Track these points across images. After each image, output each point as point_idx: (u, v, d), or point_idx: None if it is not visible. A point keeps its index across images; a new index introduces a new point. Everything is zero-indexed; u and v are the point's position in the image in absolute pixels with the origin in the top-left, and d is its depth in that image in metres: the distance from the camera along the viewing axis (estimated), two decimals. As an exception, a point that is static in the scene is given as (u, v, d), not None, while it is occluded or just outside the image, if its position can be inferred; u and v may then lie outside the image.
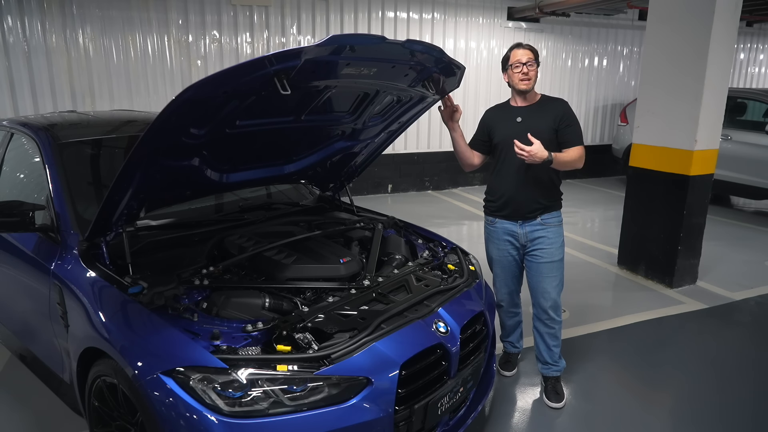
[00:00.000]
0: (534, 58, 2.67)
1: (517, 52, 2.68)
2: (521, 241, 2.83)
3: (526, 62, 2.65)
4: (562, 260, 2.83)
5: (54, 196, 2.44)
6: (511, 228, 2.82)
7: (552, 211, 2.79)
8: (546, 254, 2.78)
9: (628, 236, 4.93)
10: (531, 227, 2.78)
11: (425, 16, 7.99)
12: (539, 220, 2.77)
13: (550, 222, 2.78)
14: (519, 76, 2.67)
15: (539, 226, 2.77)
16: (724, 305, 4.26)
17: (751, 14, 9.58)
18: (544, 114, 2.72)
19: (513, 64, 2.68)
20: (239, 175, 2.61)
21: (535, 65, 2.67)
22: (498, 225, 2.87)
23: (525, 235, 2.80)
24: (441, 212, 7.26)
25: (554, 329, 2.85)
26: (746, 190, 7.03)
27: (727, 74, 4.32)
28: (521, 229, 2.80)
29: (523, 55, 2.66)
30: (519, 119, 2.74)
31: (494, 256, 2.94)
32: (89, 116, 3.52)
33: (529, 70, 2.65)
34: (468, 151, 2.90)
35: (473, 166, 2.95)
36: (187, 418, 1.69)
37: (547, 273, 2.79)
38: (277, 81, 1.80)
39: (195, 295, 2.11)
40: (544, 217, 2.77)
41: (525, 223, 2.78)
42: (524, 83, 2.68)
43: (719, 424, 2.79)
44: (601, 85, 9.71)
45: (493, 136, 2.83)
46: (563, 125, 2.69)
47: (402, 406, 1.94)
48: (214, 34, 6.93)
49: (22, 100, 6.22)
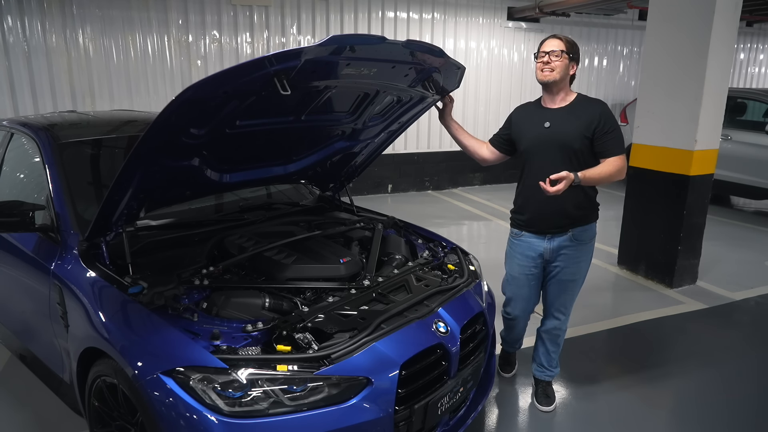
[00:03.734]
0: (564, 49, 2.42)
1: (546, 42, 2.46)
2: (546, 257, 2.61)
3: (550, 51, 2.42)
4: (585, 275, 2.67)
5: (54, 196, 2.44)
6: (535, 243, 2.61)
7: (585, 224, 2.57)
8: (569, 273, 2.61)
9: (628, 236, 4.93)
10: (559, 242, 2.57)
11: (425, 16, 7.98)
12: (570, 233, 2.55)
13: (582, 237, 2.57)
14: (540, 66, 2.46)
15: (568, 242, 2.56)
16: (724, 305, 4.26)
17: (751, 14, 9.58)
18: (575, 119, 2.46)
19: (539, 53, 2.47)
20: (239, 175, 2.60)
21: (562, 56, 2.41)
22: (523, 239, 2.65)
23: (551, 250, 2.59)
24: (441, 212, 7.26)
25: (558, 336, 2.83)
26: (746, 190, 7.03)
27: (727, 74, 4.32)
28: (549, 244, 2.58)
29: (548, 45, 2.44)
30: (547, 124, 2.50)
31: (515, 274, 2.73)
32: (89, 116, 3.51)
33: (552, 61, 2.42)
34: (471, 141, 2.78)
35: (484, 160, 2.78)
36: (187, 418, 1.69)
37: (567, 288, 2.66)
38: (277, 81, 1.80)
39: (195, 295, 2.11)
40: (576, 231, 2.55)
41: (554, 237, 2.57)
42: (543, 74, 2.45)
43: (719, 424, 2.79)
44: (601, 85, 9.71)
45: (519, 140, 2.62)
46: (600, 133, 2.43)
47: (402, 406, 1.94)
48: (214, 34, 6.93)
49: (22, 100, 6.21)
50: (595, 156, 2.47)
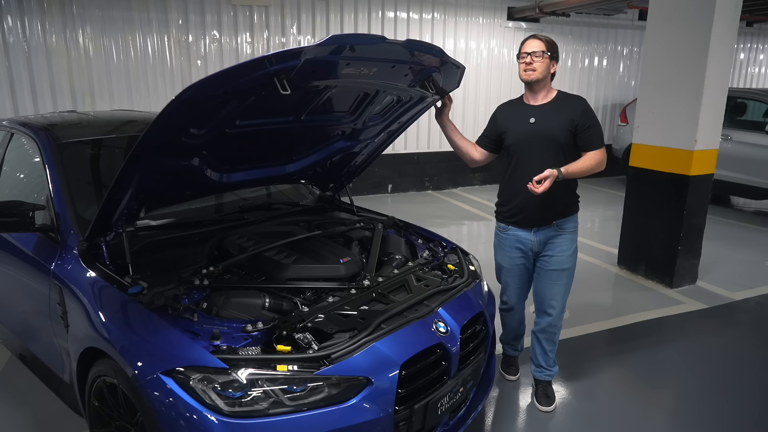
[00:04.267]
0: (545, 49, 2.54)
1: (527, 43, 2.58)
2: (534, 249, 2.73)
3: (532, 52, 2.54)
4: (573, 267, 2.75)
5: (54, 196, 2.44)
6: (523, 236, 2.72)
7: (568, 216, 2.69)
8: (556, 262, 2.70)
9: (628, 236, 4.93)
10: (545, 234, 2.68)
11: (425, 16, 7.98)
12: (554, 225, 2.67)
13: (566, 228, 2.69)
14: (522, 66, 2.58)
15: (554, 232, 2.68)
16: (724, 305, 4.26)
17: (751, 14, 9.58)
18: (558, 114, 2.59)
19: (521, 54, 2.59)
20: (239, 175, 2.60)
21: (543, 56, 2.54)
22: (510, 233, 2.77)
23: (538, 242, 2.70)
24: (441, 212, 7.26)
25: (554, 335, 2.83)
26: (746, 190, 7.03)
27: (727, 74, 4.32)
28: (535, 237, 2.70)
29: (530, 46, 2.56)
30: (532, 120, 2.61)
31: (504, 264, 2.84)
32: (89, 116, 3.51)
33: (534, 61, 2.53)
34: (464, 142, 2.84)
35: (474, 161, 2.87)
36: (187, 418, 1.69)
37: (556, 280, 2.72)
38: (276, 81, 1.80)
39: (195, 295, 2.11)
40: (560, 222, 2.67)
41: (539, 230, 2.69)
42: (526, 74, 2.57)
43: (720, 424, 2.79)
44: (601, 85, 9.71)
45: (505, 136, 2.71)
46: (581, 128, 2.57)
47: (402, 406, 1.94)
48: (214, 34, 6.93)
49: (22, 100, 6.22)
50: (577, 148, 2.58)
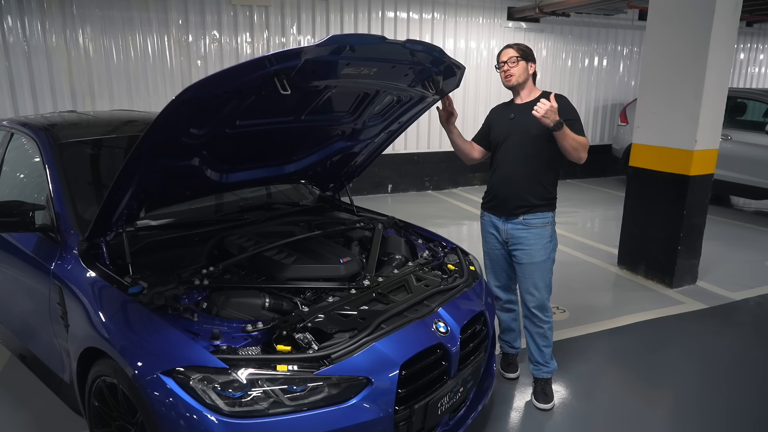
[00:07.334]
0: (518, 56, 2.71)
1: (501, 54, 2.76)
2: (503, 237, 2.84)
3: (507, 59, 2.71)
4: (547, 262, 2.79)
5: (54, 196, 2.44)
6: (495, 222, 2.85)
7: (537, 212, 2.75)
8: (525, 255, 2.77)
9: (628, 236, 4.93)
10: (512, 225, 2.78)
11: (425, 16, 7.99)
12: (521, 219, 2.75)
13: (533, 223, 2.75)
14: (502, 75, 2.77)
15: (520, 226, 2.75)
16: (724, 305, 4.26)
17: (751, 14, 9.58)
18: None
19: (499, 64, 2.78)
20: (239, 175, 2.60)
21: (518, 62, 2.70)
22: (486, 218, 2.93)
23: (506, 231, 2.81)
24: (441, 212, 7.26)
25: (542, 329, 2.85)
26: (746, 190, 7.03)
27: (727, 74, 4.32)
28: (503, 225, 2.81)
29: (504, 55, 2.74)
30: (512, 116, 2.78)
31: (484, 248, 3.00)
32: (89, 116, 3.51)
33: (510, 68, 2.71)
34: (466, 144, 2.95)
35: (473, 160, 2.99)
36: (187, 418, 1.69)
37: (529, 274, 2.79)
38: (277, 81, 1.80)
39: (195, 295, 2.11)
40: (527, 217, 2.74)
41: (507, 220, 2.79)
42: (507, 80, 2.75)
43: (720, 424, 2.79)
44: (601, 85, 9.71)
45: (491, 132, 2.89)
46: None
47: (402, 406, 1.94)
48: (214, 34, 6.93)
49: (22, 100, 6.22)
50: (550, 142, 2.65)
